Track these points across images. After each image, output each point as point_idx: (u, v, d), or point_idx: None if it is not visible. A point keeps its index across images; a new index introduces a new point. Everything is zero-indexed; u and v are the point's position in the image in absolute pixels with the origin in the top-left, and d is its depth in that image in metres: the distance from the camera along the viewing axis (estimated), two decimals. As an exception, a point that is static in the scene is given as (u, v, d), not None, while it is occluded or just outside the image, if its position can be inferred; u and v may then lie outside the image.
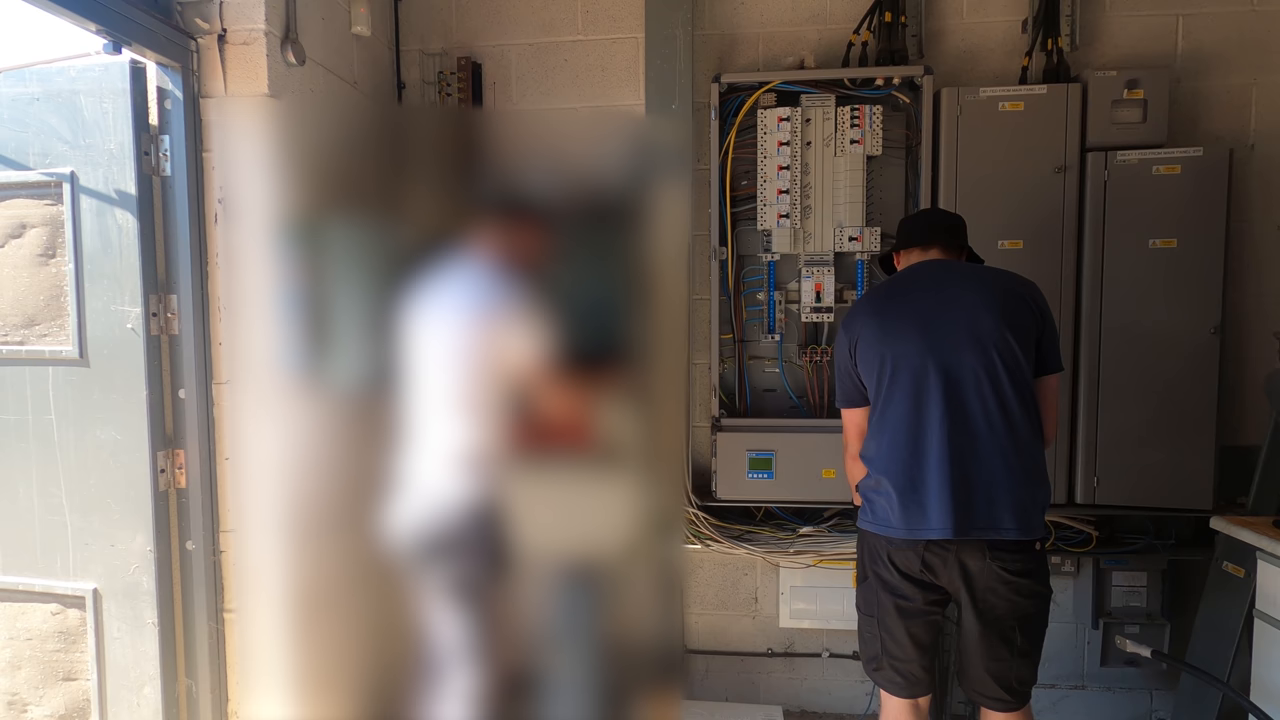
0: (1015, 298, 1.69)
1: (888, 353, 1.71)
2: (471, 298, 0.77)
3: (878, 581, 1.74)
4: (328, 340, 0.76)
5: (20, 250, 1.93)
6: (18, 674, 2.02)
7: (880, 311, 1.76)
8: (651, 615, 0.83)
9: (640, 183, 0.77)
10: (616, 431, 0.80)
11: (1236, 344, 2.37)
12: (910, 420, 1.68)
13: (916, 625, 1.72)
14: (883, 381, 1.72)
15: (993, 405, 1.64)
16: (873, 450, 1.75)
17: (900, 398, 1.69)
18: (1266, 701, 1.92)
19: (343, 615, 0.81)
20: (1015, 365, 1.65)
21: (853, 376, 1.81)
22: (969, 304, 1.67)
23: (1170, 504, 2.27)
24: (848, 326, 1.81)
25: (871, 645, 1.78)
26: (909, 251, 1.85)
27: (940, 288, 1.73)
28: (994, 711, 1.72)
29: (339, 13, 2.27)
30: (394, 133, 0.79)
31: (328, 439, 0.78)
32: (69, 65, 1.85)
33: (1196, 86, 2.39)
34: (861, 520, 1.79)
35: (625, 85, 2.58)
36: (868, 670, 1.83)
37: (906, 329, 1.70)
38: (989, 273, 1.77)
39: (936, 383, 1.66)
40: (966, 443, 1.64)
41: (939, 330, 1.68)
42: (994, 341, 1.64)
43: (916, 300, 1.73)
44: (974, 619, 1.67)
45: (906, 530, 1.66)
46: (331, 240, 0.75)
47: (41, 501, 1.94)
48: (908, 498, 1.66)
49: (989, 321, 1.65)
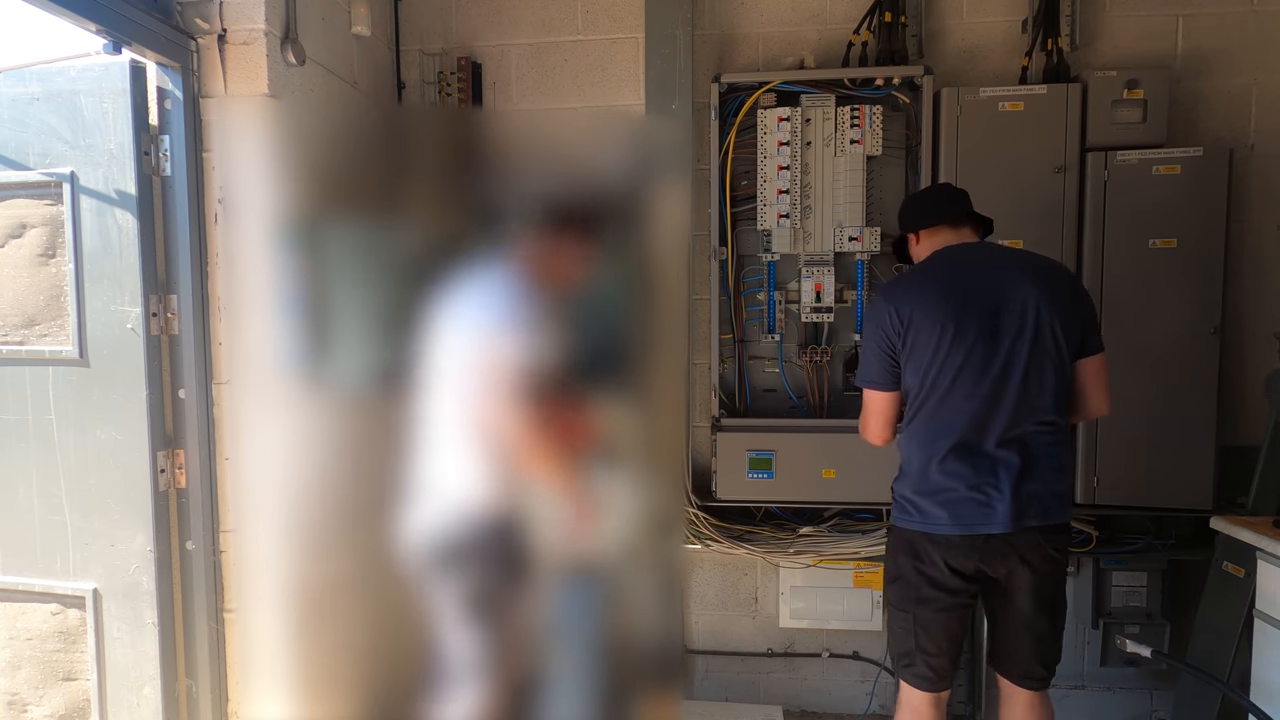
0: (1065, 284, 1.70)
1: (946, 337, 1.64)
2: (491, 308, 0.76)
3: (920, 579, 1.72)
4: (328, 340, 0.76)
5: (20, 250, 1.93)
6: (18, 674, 2.02)
7: (939, 294, 1.67)
8: (651, 615, 0.83)
9: (640, 183, 0.77)
10: (617, 432, 0.80)
11: (1236, 344, 2.37)
12: (972, 411, 1.64)
13: (954, 620, 1.74)
14: (933, 365, 1.65)
15: (1048, 392, 1.65)
16: (924, 444, 1.69)
17: (960, 386, 1.64)
18: (1266, 701, 1.92)
19: (343, 615, 0.81)
20: (1062, 353, 1.66)
21: (891, 356, 1.72)
22: (1027, 291, 1.65)
23: (1170, 504, 2.27)
24: (895, 302, 1.70)
25: (904, 642, 1.77)
26: (938, 230, 1.78)
27: (996, 273, 1.69)
28: (1030, 691, 1.76)
29: (339, 13, 2.27)
30: (394, 133, 0.79)
31: (328, 439, 0.78)
32: (69, 65, 1.85)
33: (1196, 86, 2.39)
34: (903, 521, 1.74)
35: (625, 85, 2.58)
36: (897, 666, 1.82)
37: (968, 314, 1.64)
38: (1037, 258, 1.75)
39: (1000, 372, 1.63)
40: (1027, 433, 1.65)
41: (1000, 317, 1.64)
42: (1050, 329, 1.64)
43: (974, 285, 1.67)
44: (1027, 602, 1.70)
45: (965, 527, 1.65)
46: (331, 240, 0.75)
47: (41, 501, 1.94)
48: (968, 494, 1.64)
49: (1045, 309, 1.64)
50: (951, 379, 1.64)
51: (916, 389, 1.69)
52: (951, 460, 1.65)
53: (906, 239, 1.88)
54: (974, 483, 1.64)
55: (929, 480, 1.68)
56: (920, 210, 1.83)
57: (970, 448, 1.65)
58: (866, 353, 1.79)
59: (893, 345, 1.71)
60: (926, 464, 1.68)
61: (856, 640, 2.65)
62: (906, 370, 1.71)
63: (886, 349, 1.72)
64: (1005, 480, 1.63)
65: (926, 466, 1.68)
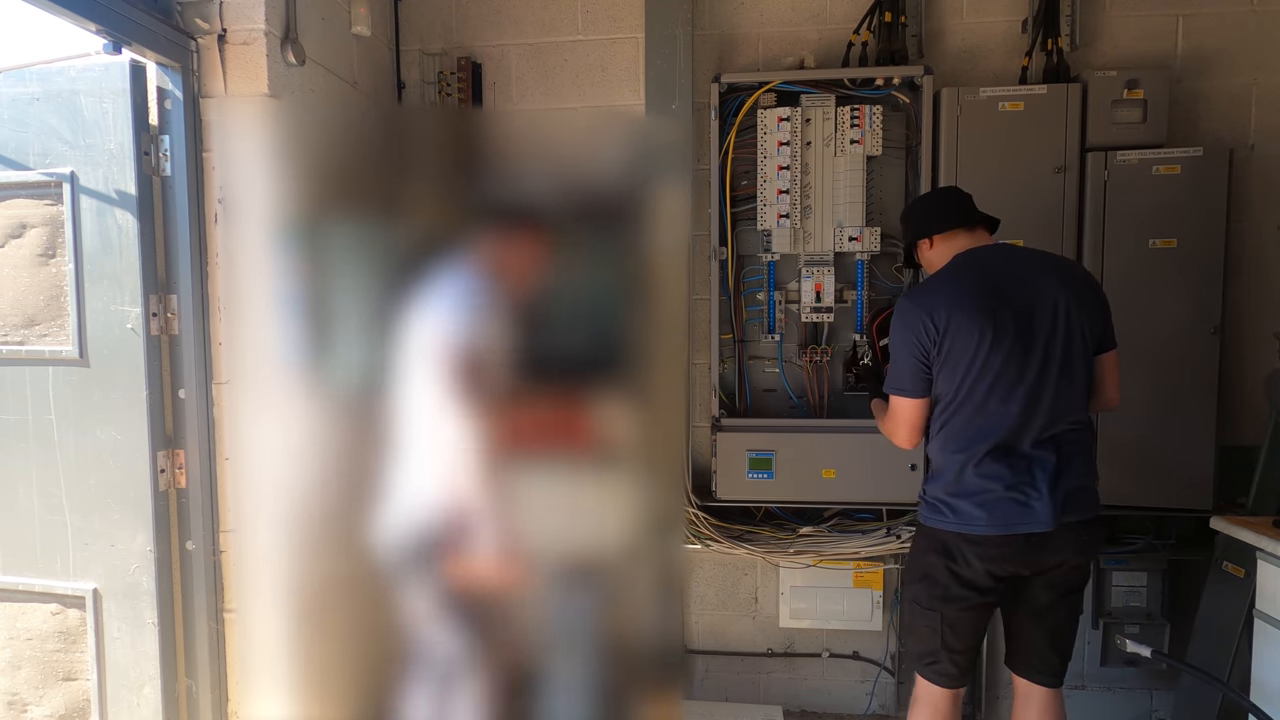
0: (1089, 283, 1.73)
1: (985, 343, 1.63)
2: (451, 303, 0.76)
3: (950, 578, 1.72)
4: (328, 340, 0.76)
5: (20, 250, 1.93)
6: (18, 674, 2.02)
7: (974, 299, 1.66)
8: (651, 615, 0.83)
9: (640, 183, 0.77)
10: (617, 431, 0.80)
11: (1236, 344, 2.37)
12: (1009, 413, 1.64)
13: (980, 619, 1.76)
14: (971, 371, 1.65)
15: (1079, 392, 1.68)
16: (960, 447, 1.69)
17: (997, 391, 1.65)
18: (1266, 701, 1.92)
19: (343, 615, 0.81)
20: (1088, 352, 1.70)
21: (924, 364, 1.70)
22: (1057, 292, 1.66)
23: (1170, 504, 2.27)
24: (929, 309, 1.68)
25: (929, 640, 1.77)
26: (954, 235, 1.77)
27: (1026, 275, 1.69)
28: (1047, 689, 1.79)
29: (339, 13, 2.27)
30: (394, 133, 0.79)
31: (328, 439, 0.78)
32: (69, 65, 1.85)
33: (1196, 86, 2.39)
34: (935, 520, 1.74)
35: (625, 85, 2.58)
36: (919, 665, 1.81)
37: (1004, 318, 1.64)
38: (1059, 258, 1.78)
39: (1036, 375, 1.64)
40: (1060, 432, 1.66)
41: (1034, 319, 1.65)
42: (1080, 329, 1.67)
43: (1007, 289, 1.67)
44: (1054, 596, 1.73)
45: (1004, 527, 1.65)
46: (331, 240, 0.75)
47: (41, 501, 1.94)
48: (1006, 494, 1.65)
49: (1075, 309, 1.66)
50: (990, 384, 1.65)
51: (952, 394, 1.69)
52: (988, 462, 1.66)
53: (915, 244, 1.86)
54: (1011, 483, 1.65)
55: (964, 482, 1.68)
56: (934, 214, 1.81)
57: (1007, 449, 1.66)
58: (898, 360, 1.75)
59: (927, 352, 1.70)
60: (963, 467, 1.68)
61: (856, 640, 2.65)
62: (940, 376, 1.70)
63: (920, 356, 1.70)
64: (1042, 479, 1.64)
65: (963, 469, 1.68)
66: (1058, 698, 1.80)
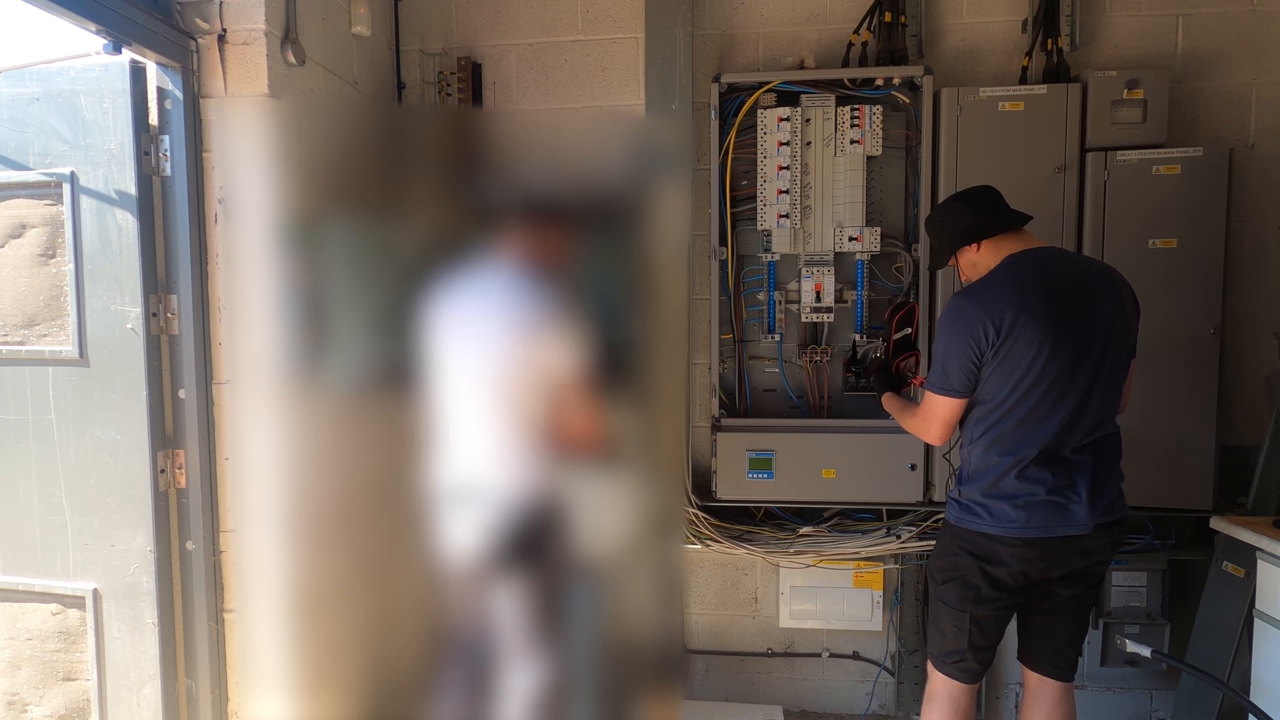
0: (1130, 293, 1.75)
1: (1045, 350, 1.63)
2: (504, 304, 0.77)
3: (984, 580, 1.73)
4: (328, 340, 0.76)
5: (20, 250, 1.93)
6: (18, 674, 2.02)
7: (1040, 305, 1.64)
8: (651, 615, 0.83)
9: (640, 183, 0.77)
10: (618, 431, 0.80)
11: (1236, 344, 2.37)
12: (1057, 420, 1.65)
13: (1008, 617, 1.81)
14: (1027, 376, 1.64)
15: (1114, 400, 1.72)
16: (1005, 451, 1.68)
17: (1049, 397, 1.65)
18: (1266, 701, 1.92)
19: (343, 615, 0.81)
20: (1127, 362, 1.73)
21: (975, 365, 1.68)
22: (1108, 302, 1.68)
23: (1170, 504, 2.27)
24: (991, 312, 1.65)
25: (956, 640, 1.78)
26: (1004, 239, 1.75)
27: (1083, 283, 1.70)
28: (1060, 683, 1.81)
29: (339, 13, 2.27)
30: (394, 133, 0.79)
31: (327, 439, 0.78)
32: (69, 65, 1.85)
33: (1196, 86, 2.39)
34: (968, 522, 1.74)
35: (625, 85, 2.58)
36: (942, 663, 1.83)
37: (1064, 326, 1.64)
38: (1102, 264, 1.80)
39: (1086, 384, 1.66)
40: (1099, 439, 1.70)
41: (1089, 330, 1.66)
42: (1123, 339, 1.70)
43: (1067, 296, 1.66)
44: (1077, 591, 1.76)
45: (1043, 530, 1.67)
46: (331, 240, 0.75)
47: (41, 501, 1.94)
48: (1048, 498, 1.67)
49: (1120, 319, 1.69)
50: (1044, 392, 1.65)
51: (1003, 398, 1.67)
52: (1033, 468, 1.67)
53: (959, 249, 1.81)
54: (1054, 487, 1.67)
55: (1004, 485, 1.69)
56: (983, 218, 1.77)
57: (1051, 454, 1.67)
58: (946, 358, 1.72)
59: (981, 354, 1.67)
60: (1006, 471, 1.69)
61: (856, 640, 2.65)
62: (990, 378, 1.68)
63: (973, 357, 1.68)
64: (1082, 484, 1.67)
65: (1005, 473, 1.69)
66: (1069, 692, 1.82)
